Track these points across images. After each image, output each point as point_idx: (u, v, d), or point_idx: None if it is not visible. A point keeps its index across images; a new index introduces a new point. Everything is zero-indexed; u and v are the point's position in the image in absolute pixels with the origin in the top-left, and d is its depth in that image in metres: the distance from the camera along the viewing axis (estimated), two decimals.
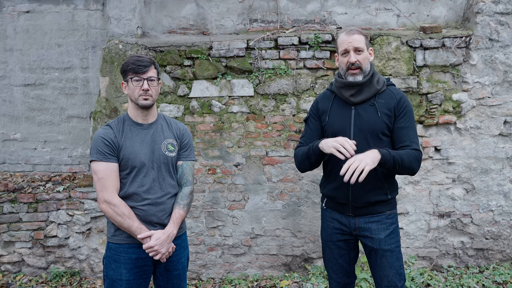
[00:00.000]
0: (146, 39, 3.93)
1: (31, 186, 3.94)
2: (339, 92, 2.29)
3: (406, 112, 2.23)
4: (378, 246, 2.23)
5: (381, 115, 2.20)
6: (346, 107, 2.27)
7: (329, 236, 2.36)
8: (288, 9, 4.09)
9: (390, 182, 2.27)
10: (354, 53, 2.18)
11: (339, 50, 2.24)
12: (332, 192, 2.31)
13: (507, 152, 3.76)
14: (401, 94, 2.27)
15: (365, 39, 2.22)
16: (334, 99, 2.33)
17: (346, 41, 2.19)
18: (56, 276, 3.83)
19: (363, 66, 2.20)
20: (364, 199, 2.22)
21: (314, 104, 2.41)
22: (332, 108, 2.31)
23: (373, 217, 2.25)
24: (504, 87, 3.73)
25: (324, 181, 2.40)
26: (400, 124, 2.22)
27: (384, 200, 2.25)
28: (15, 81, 4.24)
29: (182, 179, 2.31)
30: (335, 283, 2.42)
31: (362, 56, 2.19)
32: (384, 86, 2.27)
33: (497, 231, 3.83)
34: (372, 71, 2.24)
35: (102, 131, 2.18)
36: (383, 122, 2.20)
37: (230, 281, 3.83)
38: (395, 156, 2.10)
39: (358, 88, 2.22)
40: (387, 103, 2.22)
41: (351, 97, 2.24)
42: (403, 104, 2.23)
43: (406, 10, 4.04)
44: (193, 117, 3.81)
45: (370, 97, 2.24)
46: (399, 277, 2.24)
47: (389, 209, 2.28)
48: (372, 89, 2.23)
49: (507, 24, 3.66)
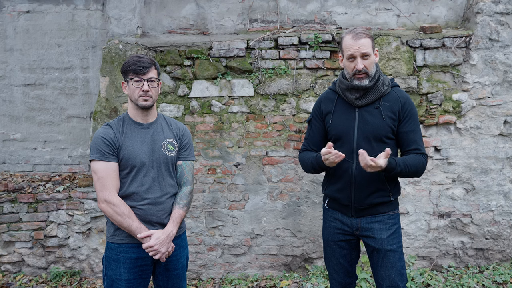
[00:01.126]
0: (146, 39, 3.93)
1: (31, 186, 3.94)
2: (343, 93, 2.27)
3: (412, 115, 2.22)
4: (381, 246, 2.23)
5: (385, 119, 2.19)
6: (350, 109, 2.25)
7: (331, 236, 2.36)
8: (288, 9, 4.09)
9: (393, 185, 2.27)
10: (361, 59, 2.13)
11: (345, 54, 2.18)
12: (334, 193, 2.31)
13: (507, 152, 3.76)
14: (406, 97, 2.26)
15: (372, 41, 2.16)
16: (338, 100, 2.30)
17: (353, 46, 2.12)
18: (56, 276, 3.83)
19: (369, 71, 2.16)
20: (366, 201, 2.22)
21: (317, 105, 2.39)
22: (335, 109, 2.29)
23: (376, 217, 2.25)
24: (504, 87, 3.73)
25: (326, 181, 2.40)
26: (406, 128, 2.21)
27: (387, 201, 2.25)
28: (15, 81, 4.24)
29: (182, 179, 2.31)
30: (336, 283, 2.42)
31: (369, 61, 2.15)
32: (389, 88, 2.25)
33: (497, 231, 3.83)
34: (378, 74, 2.22)
35: (102, 131, 2.18)
36: (387, 126, 2.19)
37: (230, 281, 3.83)
38: (401, 165, 2.14)
39: (363, 92, 2.20)
40: (392, 106, 2.21)
41: (356, 100, 2.22)
42: (408, 108, 2.22)
43: (406, 10, 4.04)
44: (193, 117, 3.81)
45: (374, 100, 2.22)
46: (401, 278, 2.24)
47: (391, 209, 2.28)
48: (378, 92, 2.21)
49: (507, 24, 3.66)
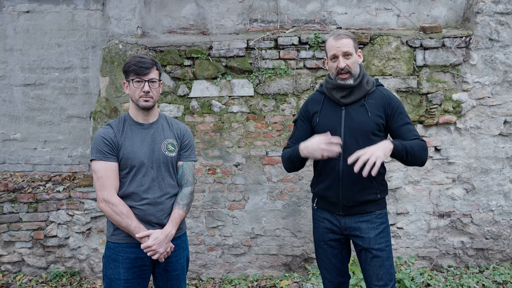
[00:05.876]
0: (146, 39, 3.93)
1: (31, 186, 3.94)
2: (329, 93, 2.33)
3: (401, 111, 2.28)
4: (368, 245, 2.25)
5: (371, 116, 2.24)
6: (337, 108, 2.30)
7: (321, 236, 2.39)
8: (288, 9, 4.09)
9: (380, 182, 2.30)
10: (343, 58, 2.21)
11: (328, 54, 2.27)
12: (323, 191, 2.33)
13: (507, 152, 3.76)
14: (391, 94, 2.33)
15: (353, 42, 2.24)
16: (324, 100, 2.37)
17: (335, 46, 2.21)
18: (56, 276, 3.83)
19: (352, 70, 2.23)
20: (354, 198, 2.25)
21: (304, 106, 2.45)
22: (322, 109, 2.34)
23: (363, 216, 2.28)
24: (504, 87, 3.72)
25: (315, 180, 2.42)
26: (398, 123, 2.27)
27: (374, 199, 2.28)
28: (15, 81, 4.25)
29: (183, 180, 2.31)
30: (329, 282, 2.44)
31: (351, 60, 2.22)
32: (373, 86, 2.31)
33: (497, 231, 3.82)
34: (362, 73, 2.28)
35: (102, 131, 2.19)
36: (374, 122, 2.23)
37: (230, 281, 3.83)
38: (406, 146, 2.15)
39: (349, 90, 2.26)
40: (377, 104, 2.27)
41: (342, 98, 2.28)
42: (395, 104, 2.28)
43: (406, 10, 4.04)
44: (193, 117, 3.81)
45: (360, 98, 2.28)
46: (389, 276, 2.26)
47: (379, 209, 2.31)
48: (362, 90, 2.27)
49: (507, 24, 3.66)
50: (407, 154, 2.15)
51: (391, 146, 2.09)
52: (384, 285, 2.24)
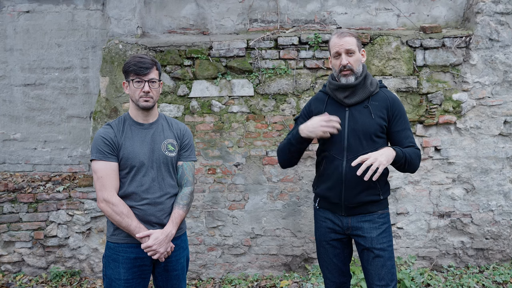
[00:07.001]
0: (146, 39, 3.93)
1: (31, 186, 3.94)
2: (333, 94, 2.33)
3: (402, 115, 2.30)
4: (370, 245, 2.25)
5: (374, 117, 2.24)
6: (340, 109, 2.30)
7: (323, 236, 2.39)
8: (288, 9, 4.09)
9: (383, 183, 2.30)
10: (345, 55, 2.22)
11: (331, 52, 2.28)
12: (325, 192, 2.33)
13: (507, 152, 3.76)
14: (394, 97, 2.33)
15: (357, 41, 2.25)
16: (328, 101, 2.36)
17: (338, 43, 2.23)
18: (56, 276, 3.83)
19: (354, 68, 2.23)
20: (356, 199, 2.25)
21: (307, 106, 2.45)
22: (326, 109, 2.34)
23: (365, 216, 2.28)
24: (504, 87, 3.73)
25: (317, 181, 2.42)
26: (398, 127, 2.28)
27: (376, 200, 2.28)
28: (15, 81, 4.25)
29: (183, 180, 2.31)
30: (331, 282, 2.44)
31: (354, 58, 2.23)
32: (377, 88, 2.32)
33: (497, 231, 3.83)
34: (365, 73, 2.28)
35: (102, 131, 2.19)
36: (377, 124, 2.24)
37: (230, 281, 3.83)
38: (406, 154, 2.18)
39: (351, 90, 2.26)
40: (380, 106, 2.27)
41: (345, 98, 2.28)
42: (397, 107, 2.29)
43: (406, 10, 4.04)
44: (193, 117, 3.81)
45: (363, 99, 2.28)
46: (390, 276, 2.26)
47: (381, 209, 2.31)
48: (366, 91, 2.27)
49: (507, 24, 3.66)
50: (406, 162, 2.18)
51: (394, 153, 2.11)
52: (385, 285, 2.24)
